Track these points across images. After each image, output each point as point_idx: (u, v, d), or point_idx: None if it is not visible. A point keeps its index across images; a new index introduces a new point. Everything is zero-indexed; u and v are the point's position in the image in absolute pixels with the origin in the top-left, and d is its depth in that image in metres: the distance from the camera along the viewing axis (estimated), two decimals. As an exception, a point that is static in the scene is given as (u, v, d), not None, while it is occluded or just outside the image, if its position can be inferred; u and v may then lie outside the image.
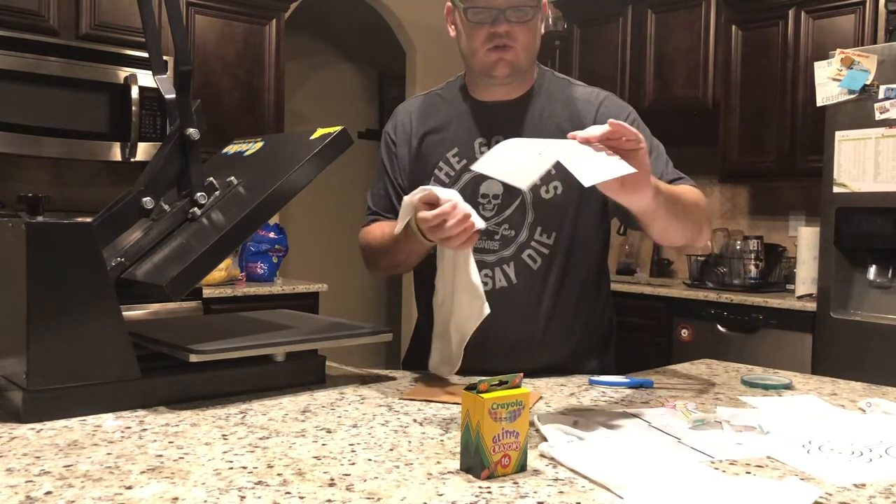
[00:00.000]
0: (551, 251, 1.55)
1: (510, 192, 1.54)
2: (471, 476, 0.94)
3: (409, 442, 1.07)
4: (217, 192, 1.39)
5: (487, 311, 1.36)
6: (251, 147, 1.54)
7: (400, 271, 1.65)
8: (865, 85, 3.06)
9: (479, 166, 1.23)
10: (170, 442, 1.05)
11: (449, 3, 1.56)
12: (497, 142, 1.57)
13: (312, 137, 1.40)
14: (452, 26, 1.58)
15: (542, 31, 1.58)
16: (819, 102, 3.20)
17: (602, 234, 1.63)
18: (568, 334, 1.60)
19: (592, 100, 1.59)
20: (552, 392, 1.40)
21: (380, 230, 1.59)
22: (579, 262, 1.59)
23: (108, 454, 0.99)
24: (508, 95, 1.58)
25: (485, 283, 1.55)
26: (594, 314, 1.65)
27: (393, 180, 1.66)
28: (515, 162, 1.18)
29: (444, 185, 1.56)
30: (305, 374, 1.40)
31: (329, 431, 1.11)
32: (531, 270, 1.55)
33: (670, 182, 1.50)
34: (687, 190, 1.48)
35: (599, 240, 1.63)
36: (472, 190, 1.55)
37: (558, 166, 1.53)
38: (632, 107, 1.63)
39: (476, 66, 1.55)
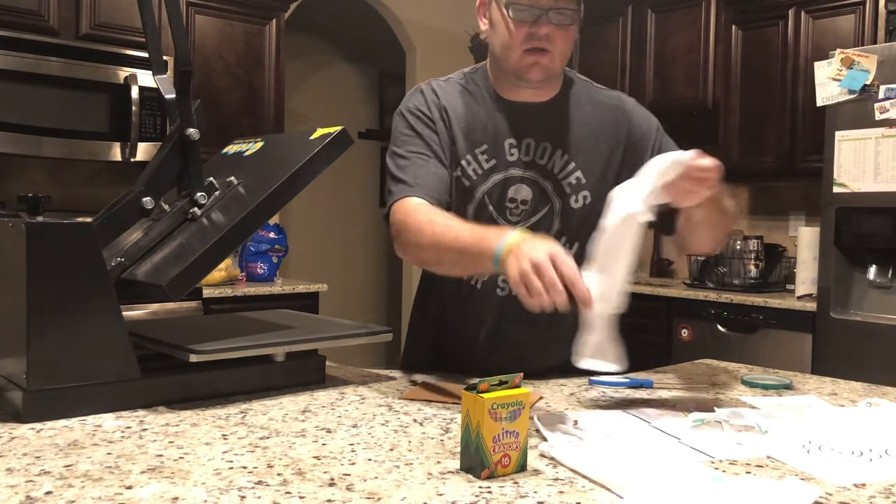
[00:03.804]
0: None
1: (539, 198, 1.50)
2: (471, 476, 0.94)
3: (409, 442, 1.07)
4: (217, 192, 1.39)
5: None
6: (251, 147, 1.54)
7: (452, 275, 1.48)
8: (865, 85, 3.06)
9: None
10: (170, 442, 1.05)
11: None
12: (528, 145, 1.50)
13: (312, 137, 1.40)
14: (485, 20, 1.51)
15: (576, 36, 1.51)
16: (819, 102, 3.20)
17: None
18: (571, 336, 1.59)
19: (623, 106, 1.56)
20: (552, 392, 1.40)
21: (454, 223, 1.36)
22: None
23: (108, 454, 0.99)
24: (538, 97, 1.52)
25: (501, 288, 1.54)
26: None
27: (440, 157, 1.49)
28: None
29: (470, 180, 1.49)
30: (305, 374, 1.40)
31: (329, 431, 1.11)
32: None
33: None
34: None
35: None
36: (500, 193, 1.50)
37: (589, 175, 1.51)
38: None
39: (510, 66, 1.48)
